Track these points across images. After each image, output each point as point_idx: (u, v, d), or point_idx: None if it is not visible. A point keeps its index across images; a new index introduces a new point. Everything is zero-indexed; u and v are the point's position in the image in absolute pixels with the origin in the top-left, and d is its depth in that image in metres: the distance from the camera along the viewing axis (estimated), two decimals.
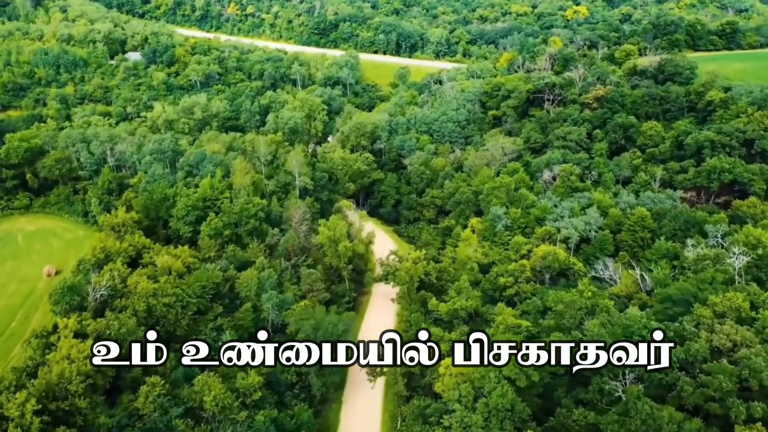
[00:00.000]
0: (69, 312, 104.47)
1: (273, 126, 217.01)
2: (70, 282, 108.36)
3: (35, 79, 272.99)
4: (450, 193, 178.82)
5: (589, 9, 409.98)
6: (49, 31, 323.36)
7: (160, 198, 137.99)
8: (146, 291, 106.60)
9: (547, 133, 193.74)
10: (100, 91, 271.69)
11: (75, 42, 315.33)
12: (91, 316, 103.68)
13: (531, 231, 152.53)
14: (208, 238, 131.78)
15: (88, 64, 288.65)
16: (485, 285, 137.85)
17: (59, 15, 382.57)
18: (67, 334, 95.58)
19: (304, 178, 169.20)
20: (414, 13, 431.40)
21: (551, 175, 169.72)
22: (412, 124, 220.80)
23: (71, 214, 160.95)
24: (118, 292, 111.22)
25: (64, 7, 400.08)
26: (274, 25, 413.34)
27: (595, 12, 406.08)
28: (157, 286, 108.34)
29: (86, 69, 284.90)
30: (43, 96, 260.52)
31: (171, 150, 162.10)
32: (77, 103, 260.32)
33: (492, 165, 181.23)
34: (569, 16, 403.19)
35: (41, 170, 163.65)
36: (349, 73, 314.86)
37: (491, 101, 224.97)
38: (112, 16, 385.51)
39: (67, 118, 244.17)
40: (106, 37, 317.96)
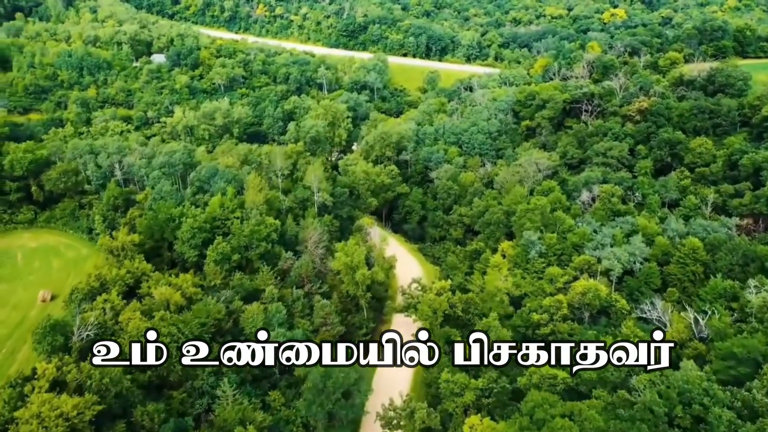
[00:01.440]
0: (52, 353, 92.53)
1: (294, 135, 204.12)
2: (53, 320, 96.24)
3: (58, 81, 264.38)
4: (479, 212, 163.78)
5: (627, 12, 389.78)
6: (76, 32, 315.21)
7: (165, 218, 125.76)
8: (137, 331, 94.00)
9: (586, 147, 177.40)
10: (122, 94, 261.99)
11: (101, 43, 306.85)
12: (75, 360, 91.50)
13: (568, 259, 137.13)
14: (213, 264, 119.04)
15: (112, 66, 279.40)
16: (516, 321, 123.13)
17: (89, 15, 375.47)
18: (43, 384, 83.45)
19: (323, 193, 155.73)
20: (445, 15, 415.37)
21: (590, 196, 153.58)
22: (440, 135, 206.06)
23: (76, 230, 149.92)
24: (108, 329, 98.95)
25: (94, 7, 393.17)
26: (303, 27, 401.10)
27: (633, 15, 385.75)
28: (150, 324, 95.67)
29: (110, 71, 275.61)
30: (65, 99, 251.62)
31: (182, 163, 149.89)
32: (98, 107, 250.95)
33: (525, 182, 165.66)
34: (606, 19, 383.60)
35: (46, 183, 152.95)
36: (377, 77, 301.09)
37: (525, 111, 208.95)
38: (140, 17, 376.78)
39: (87, 122, 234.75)
40: (132, 39, 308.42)
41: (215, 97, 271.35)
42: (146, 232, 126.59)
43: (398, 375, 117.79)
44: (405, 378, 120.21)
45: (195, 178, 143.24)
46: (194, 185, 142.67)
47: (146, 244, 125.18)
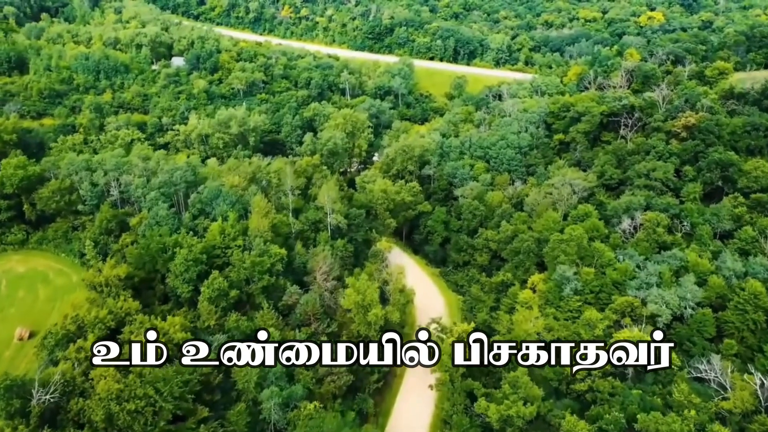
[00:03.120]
0: (9, 418, 78.64)
1: (310, 147, 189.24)
2: (9, 379, 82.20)
3: (73, 85, 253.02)
4: (507, 237, 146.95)
5: (665, 15, 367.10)
6: (97, 34, 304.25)
7: (157, 248, 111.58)
8: (108, 392, 79.69)
9: (626, 167, 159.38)
10: (138, 99, 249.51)
11: (121, 46, 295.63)
12: (33, 428, 77.51)
13: (607, 298, 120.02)
14: (207, 302, 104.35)
15: (130, 69, 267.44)
16: (549, 373, 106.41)
17: (113, 16, 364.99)
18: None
19: (336, 215, 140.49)
20: (474, 17, 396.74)
21: (632, 224, 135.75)
22: (467, 148, 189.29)
23: (69, 254, 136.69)
24: (77, 387, 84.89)
25: (119, 8, 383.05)
26: (328, 29, 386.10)
27: (671, 18, 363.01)
28: (123, 384, 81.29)
29: (127, 75, 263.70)
30: (80, 104, 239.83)
31: (184, 182, 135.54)
32: (113, 112, 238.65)
33: (558, 205, 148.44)
34: (643, 23, 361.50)
35: (38, 202, 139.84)
36: (402, 82, 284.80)
37: (558, 123, 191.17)
38: (163, 18, 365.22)
39: (100, 128, 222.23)
40: (153, 41, 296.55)
41: (234, 102, 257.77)
42: (136, 262, 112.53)
43: (412, 418, 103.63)
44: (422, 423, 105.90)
45: (196, 200, 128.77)
46: (195, 207, 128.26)
47: (136, 276, 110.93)
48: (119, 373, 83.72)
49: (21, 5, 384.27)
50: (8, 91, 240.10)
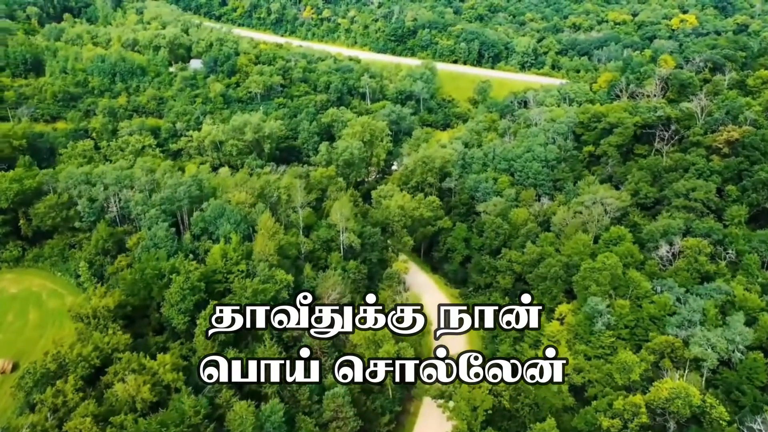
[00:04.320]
0: None
1: (326, 157, 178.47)
2: None
3: (89, 88, 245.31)
4: (533, 260, 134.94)
5: (698, 18, 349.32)
6: (116, 35, 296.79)
7: (153, 275, 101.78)
8: None
9: (662, 185, 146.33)
10: (154, 102, 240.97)
11: (140, 47, 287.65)
12: None
13: (643, 335, 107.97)
14: (203, 337, 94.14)
15: (147, 72, 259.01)
16: (579, 424, 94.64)
17: (134, 17, 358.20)
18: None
19: (350, 234, 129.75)
20: (499, 19, 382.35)
21: (670, 251, 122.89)
22: (490, 160, 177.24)
23: (65, 273, 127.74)
24: None
25: (140, 8, 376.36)
26: (350, 31, 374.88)
27: (705, 21, 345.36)
28: None
29: (143, 78, 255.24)
30: (94, 107, 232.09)
31: (188, 197, 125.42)
32: (127, 116, 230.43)
33: (589, 226, 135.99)
34: (675, 26, 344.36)
35: (34, 217, 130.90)
36: (424, 86, 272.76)
37: (588, 135, 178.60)
38: (184, 19, 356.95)
39: (113, 133, 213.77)
40: (171, 43, 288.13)
41: (251, 107, 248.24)
42: (130, 289, 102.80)
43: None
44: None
45: (198, 218, 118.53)
46: (197, 226, 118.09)
47: (130, 303, 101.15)
48: (96, 426, 73.84)
49: (44, 5, 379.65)
50: (23, 94, 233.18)
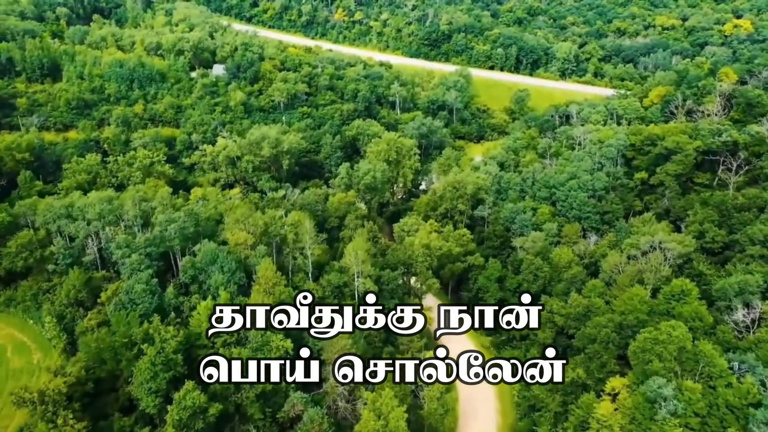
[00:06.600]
0: None
1: (345, 181, 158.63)
2: None
3: (105, 94, 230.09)
4: (578, 314, 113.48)
5: (754, 23, 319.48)
6: (139, 38, 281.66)
7: (122, 342, 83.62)
8: None
9: (731, 226, 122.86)
10: (171, 111, 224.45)
11: (163, 51, 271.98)
12: None
13: (718, 427, 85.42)
14: (177, 425, 75.23)
15: (166, 78, 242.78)
16: None
17: (163, 18, 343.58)
18: None
19: (365, 281, 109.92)
20: (539, 23, 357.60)
21: (748, 314, 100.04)
22: (529, 186, 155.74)
23: (37, 321, 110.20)
24: None
25: (170, 9, 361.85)
26: (382, 34, 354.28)
27: (761, 27, 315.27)
28: None
29: (162, 84, 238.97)
30: (108, 115, 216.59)
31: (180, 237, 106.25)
32: (143, 125, 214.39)
33: (645, 276, 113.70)
34: (728, 31, 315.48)
35: (4, 258, 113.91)
36: (457, 95, 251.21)
37: (640, 159, 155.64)
38: (212, 21, 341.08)
39: (126, 144, 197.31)
40: (195, 47, 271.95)
41: (273, 116, 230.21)
42: (94, 359, 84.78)
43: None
44: None
45: (188, 265, 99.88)
46: (187, 274, 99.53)
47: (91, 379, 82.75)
48: None
49: (74, 6, 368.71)
50: (36, 101, 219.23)
